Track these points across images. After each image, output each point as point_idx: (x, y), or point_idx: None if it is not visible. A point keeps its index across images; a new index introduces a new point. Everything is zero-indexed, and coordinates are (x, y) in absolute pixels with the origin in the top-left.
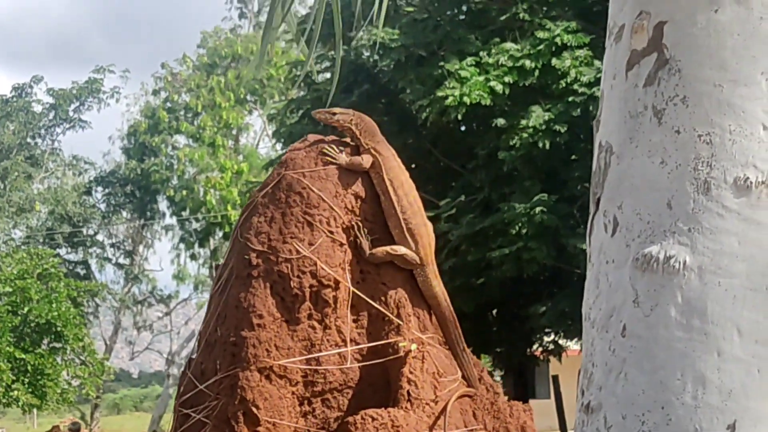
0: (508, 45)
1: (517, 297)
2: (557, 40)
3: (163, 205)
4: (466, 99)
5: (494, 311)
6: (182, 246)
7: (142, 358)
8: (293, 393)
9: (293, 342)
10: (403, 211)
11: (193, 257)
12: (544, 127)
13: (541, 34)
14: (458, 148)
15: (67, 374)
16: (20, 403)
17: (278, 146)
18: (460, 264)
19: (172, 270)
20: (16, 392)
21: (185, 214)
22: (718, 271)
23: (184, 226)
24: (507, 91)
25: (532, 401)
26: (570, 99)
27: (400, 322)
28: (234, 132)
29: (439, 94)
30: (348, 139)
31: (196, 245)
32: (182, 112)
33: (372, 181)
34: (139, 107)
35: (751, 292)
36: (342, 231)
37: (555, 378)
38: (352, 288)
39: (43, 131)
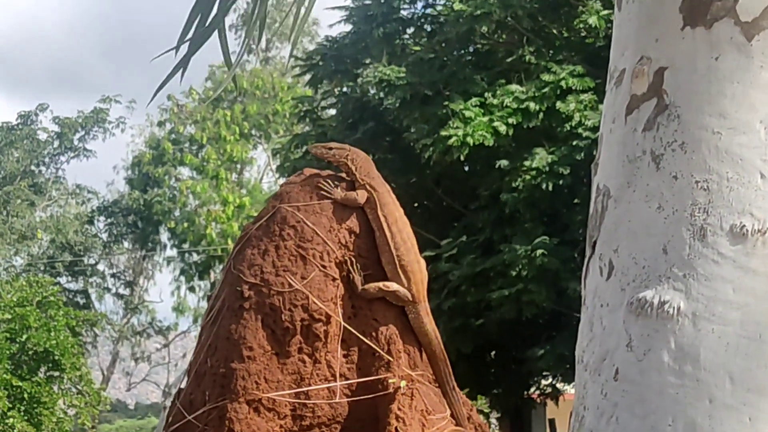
0: (513, 87)
1: (515, 339)
2: (562, 83)
3: (164, 236)
4: (469, 139)
5: (492, 353)
6: (182, 278)
7: (139, 389)
8: (281, 426)
9: (283, 375)
10: (396, 247)
11: (191, 289)
12: (547, 169)
13: (546, 77)
14: (461, 188)
15: (64, 403)
16: (15, 431)
17: (281, 181)
18: (459, 304)
19: (171, 302)
20: (11, 420)
21: (186, 246)
22: (712, 318)
23: (184, 258)
24: (511, 133)
25: None
26: (574, 143)
27: (390, 359)
28: (238, 166)
29: (443, 133)
30: (344, 174)
31: (196, 278)
32: (187, 144)
33: (366, 216)
34: (144, 138)
35: (745, 340)
36: (335, 266)
37: (552, 422)
38: (343, 323)
39: (47, 159)
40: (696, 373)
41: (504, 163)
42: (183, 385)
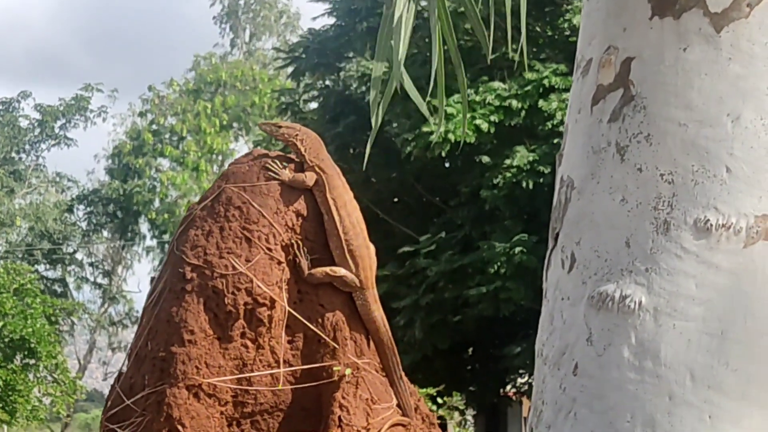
0: (496, 84)
1: (492, 336)
2: (545, 81)
3: (144, 227)
4: (451, 136)
5: (469, 350)
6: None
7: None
8: (222, 413)
9: (224, 360)
10: (345, 231)
11: None
12: (528, 167)
13: (529, 75)
14: (441, 185)
15: (39, 391)
16: None
17: None
18: (437, 300)
19: None
20: None
21: (166, 237)
22: (673, 314)
23: (164, 249)
24: (492, 130)
25: None
26: (555, 141)
27: (336, 346)
28: (219, 158)
29: (425, 129)
30: (294, 156)
31: None
32: (167, 136)
33: (315, 199)
34: (126, 128)
35: (707, 337)
36: (281, 249)
37: (527, 420)
38: (288, 308)
39: (27, 146)
40: (656, 369)
41: (485, 159)
42: (124, 369)
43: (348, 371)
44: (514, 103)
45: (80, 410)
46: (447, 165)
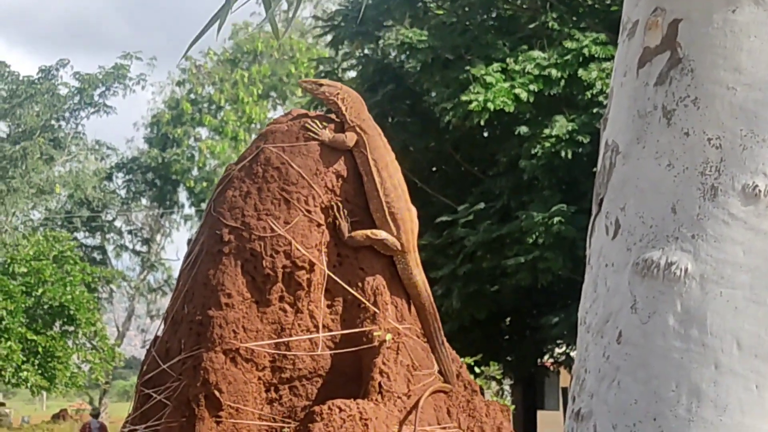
0: (536, 53)
1: (530, 306)
2: (585, 51)
3: (182, 195)
4: (490, 105)
5: (507, 320)
6: None
7: None
8: (259, 378)
9: (262, 324)
10: (386, 193)
11: None
12: (567, 137)
13: (569, 44)
14: (480, 154)
15: (78, 358)
16: (29, 385)
17: None
18: (474, 270)
19: None
20: (25, 373)
21: (204, 205)
22: (720, 281)
23: (201, 217)
24: (531, 99)
25: (540, 412)
26: (594, 110)
27: (377, 311)
28: (257, 127)
29: (464, 98)
30: (334, 116)
31: None
32: (205, 105)
33: (355, 160)
34: (164, 96)
35: (754, 305)
36: (320, 211)
37: (565, 390)
38: (327, 271)
39: (67, 114)
40: (702, 337)
41: (524, 129)
42: (160, 333)
43: (388, 337)
44: (554, 72)
45: (119, 377)
46: (485, 134)
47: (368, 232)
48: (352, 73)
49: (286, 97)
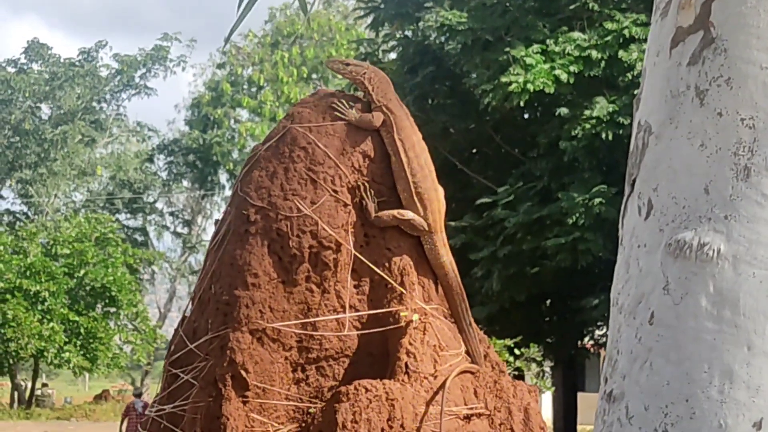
0: (576, 34)
1: (570, 288)
2: (625, 32)
3: (223, 177)
4: (530, 86)
5: (547, 301)
6: None
7: None
8: (286, 358)
9: (289, 305)
10: (413, 173)
11: None
12: (607, 118)
13: (609, 25)
14: (519, 136)
15: (120, 339)
16: (71, 365)
17: None
18: (515, 252)
19: None
20: (67, 354)
21: None
22: (753, 262)
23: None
24: (572, 81)
25: (581, 394)
26: (635, 92)
27: (404, 291)
28: None
29: (504, 79)
30: (360, 95)
31: None
32: (245, 86)
33: (382, 140)
34: (205, 78)
35: None
36: (347, 191)
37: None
38: (354, 251)
39: (108, 96)
40: (735, 318)
41: (564, 111)
42: (188, 313)
43: (415, 317)
44: (594, 53)
45: (160, 358)
46: (525, 116)
47: (395, 212)
48: (393, 55)
49: (328, 80)
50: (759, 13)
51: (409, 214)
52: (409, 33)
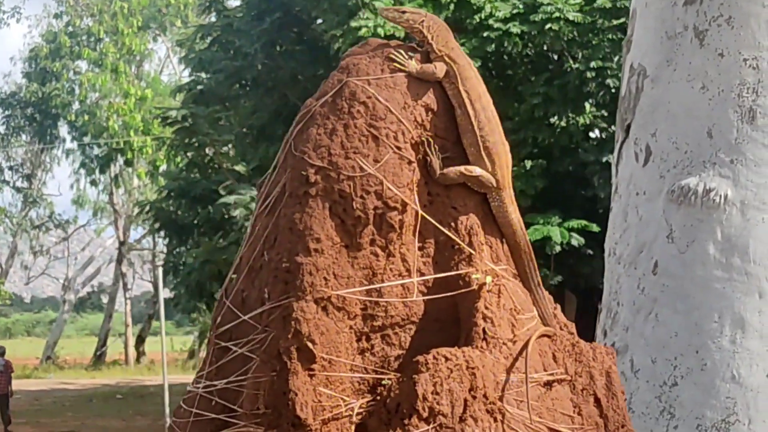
0: None
1: None
2: None
3: (63, 129)
4: (380, 30)
5: None
6: (82, 171)
7: (35, 283)
8: (351, 327)
9: (353, 270)
10: (480, 127)
11: (93, 183)
12: None
13: None
14: None
15: None
16: None
17: (186, 72)
18: None
19: (71, 195)
20: None
21: (87, 139)
22: (762, 207)
23: (85, 152)
24: None
25: None
26: (485, 34)
27: (472, 252)
28: (137, 59)
29: (353, 24)
30: (414, 45)
31: (97, 171)
32: (84, 38)
33: (444, 92)
34: (41, 30)
35: None
36: (411, 147)
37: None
38: (421, 212)
39: None
40: (745, 266)
41: None
42: (231, 282)
43: (488, 279)
44: None
45: (0, 315)
46: None
47: (462, 168)
48: (237, 2)
49: (166, 28)
50: None
51: (477, 170)
52: None
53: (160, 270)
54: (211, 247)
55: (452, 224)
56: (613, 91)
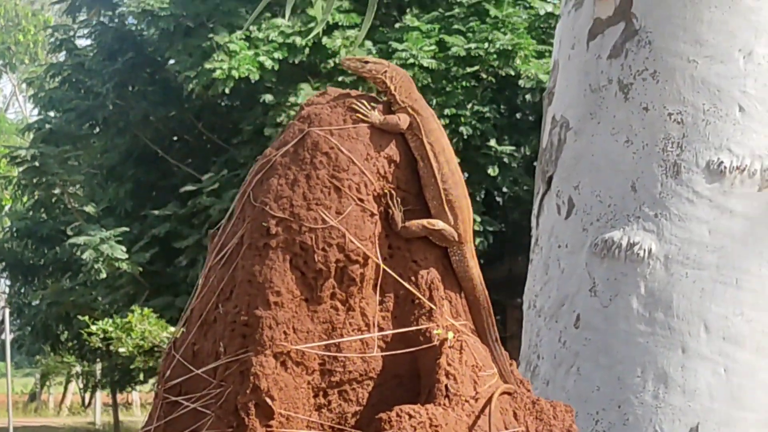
0: (279, 21)
1: None
2: (329, 18)
3: None
4: (234, 73)
5: None
6: None
7: None
8: (308, 383)
9: (313, 324)
10: (443, 180)
11: None
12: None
13: (311, 12)
14: (222, 123)
15: None
16: None
17: (35, 111)
18: None
19: None
20: None
21: None
22: (686, 262)
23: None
24: (276, 68)
25: None
26: (339, 79)
27: (433, 306)
28: None
29: (207, 66)
30: (374, 95)
31: None
32: None
33: (407, 144)
34: None
35: (721, 286)
36: (373, 199)
37: None
38: (383, 265)
39: None
40: (668, 320)
41: (268, 97)
42: (180, 335)
43: (450, 335)
44: (298, 40)
45: None
46: (228, 103)
47: (425, 222)
48: (87, 42)
49: (15, 67)
50: (685, 4)
51: (439, 224)
52: (105, 19)
53: (6, 311)
54: (59, 289)
55: (413, 278)
56: (465, 138)
